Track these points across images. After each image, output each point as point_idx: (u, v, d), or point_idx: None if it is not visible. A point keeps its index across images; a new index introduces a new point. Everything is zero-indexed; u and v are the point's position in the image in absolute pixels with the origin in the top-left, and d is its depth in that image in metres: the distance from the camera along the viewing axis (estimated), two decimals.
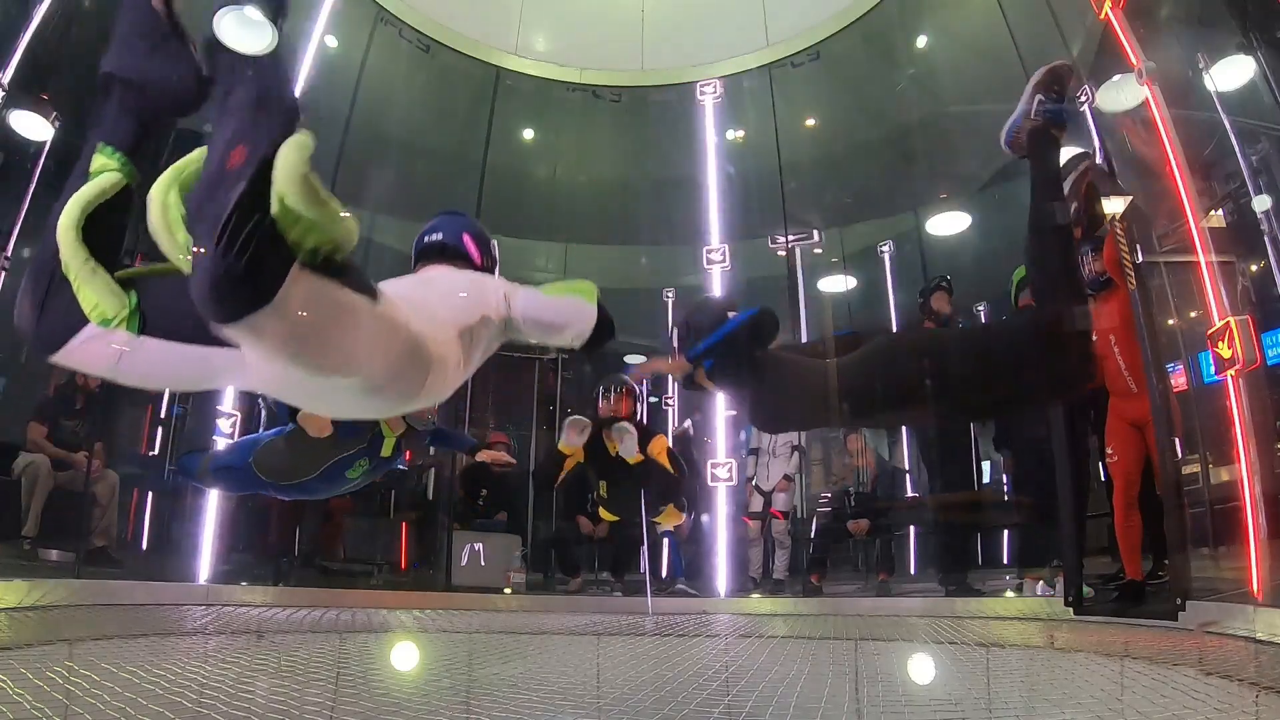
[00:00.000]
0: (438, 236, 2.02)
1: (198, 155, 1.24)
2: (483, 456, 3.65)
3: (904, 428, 6.19)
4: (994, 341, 2.11)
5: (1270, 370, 3.22)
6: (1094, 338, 2.02)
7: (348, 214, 1.12)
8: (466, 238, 2.02)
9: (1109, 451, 3.52)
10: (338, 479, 3.14)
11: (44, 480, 4.38)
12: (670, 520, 4.05)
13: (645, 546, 5.46)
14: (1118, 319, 3.44)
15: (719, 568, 5.14)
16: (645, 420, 4.40)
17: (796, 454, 5.62)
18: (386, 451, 3.20)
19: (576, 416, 3.90)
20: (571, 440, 3.80)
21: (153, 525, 5.16)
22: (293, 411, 2.88)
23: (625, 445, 3.73)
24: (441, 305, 1.67)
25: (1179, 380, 3.77)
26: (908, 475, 6.18)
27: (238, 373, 1.36)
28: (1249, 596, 2.77)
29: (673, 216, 6.53)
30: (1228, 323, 2.89)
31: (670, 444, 4.01)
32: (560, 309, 1.81)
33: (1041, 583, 4.08)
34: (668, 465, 3.84)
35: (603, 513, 4.10)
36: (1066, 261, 1.98)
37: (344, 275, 1.20)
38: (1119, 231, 3.28)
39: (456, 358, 1.61)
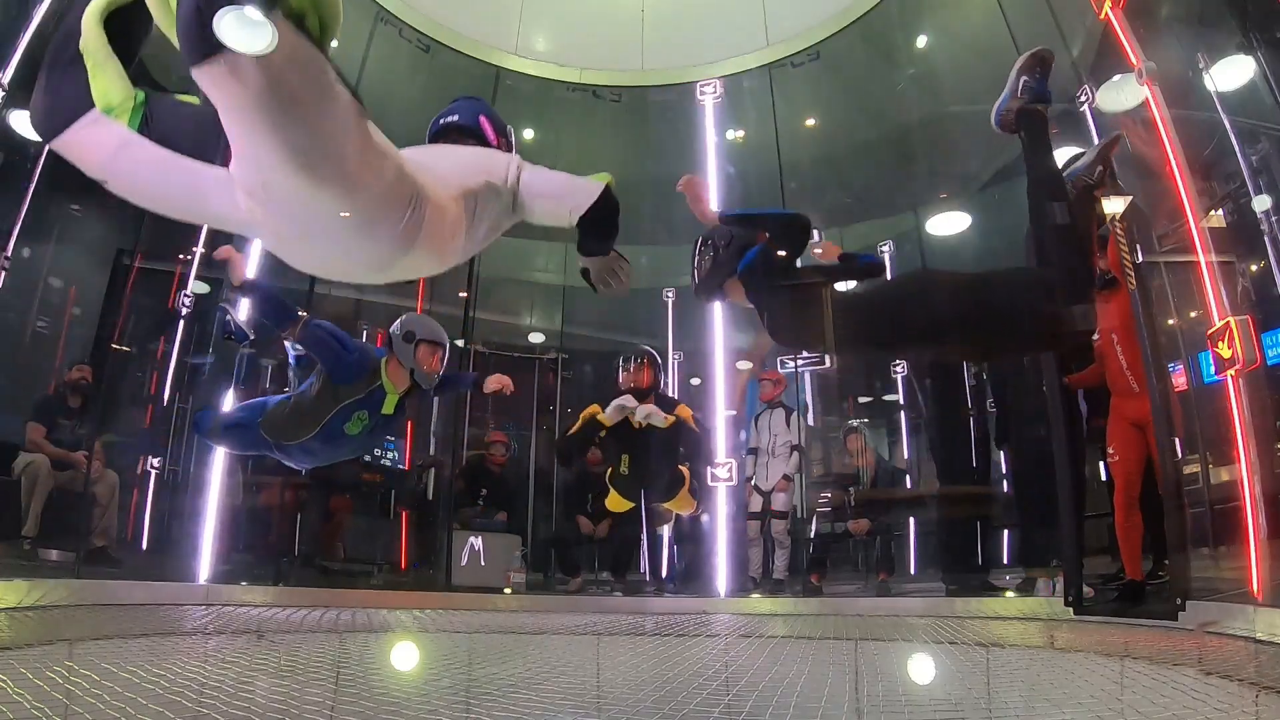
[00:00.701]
0: (454, 118, 2.02)
1: None
2: (489, 385, 3.62)
3: (906, 417, 6.19)
4: (1006, 286, 2.24)
5: (1270, 370, 3.22)
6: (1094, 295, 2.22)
7: None
8: (483, 119, 2.03)
9: (1110, 451, 3.52)
10: (338, 436, 3.13)
11: (44, 480, 4.38)
12: (682, 507, 3.98)
13: (645, 546, 5.46)
14: (1120, 318, 3.45)
15: (719, 568, 5.14)
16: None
17: (796, 453, 5.62)
18: (389, 409, 3.19)
19: (627, 398, 3.75)
20: (614, 416, 3.67)
21: (153, 525, 5.16)
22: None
23: (653, 418, 3.62)
24: (444, 165, 1.67)
25: (1179, 380, 3.77)
26: (907, 475, 6.18)
27: (225, 200, 1.37)
28: (1249, 596, 2.76)
29: (673, 216, 6.52)
30: (1228, 323, 2.89)
31: (693, 413, 3.93)
32: (564, 182, 1.83)
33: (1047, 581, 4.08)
34: (695, 428, 3.77)
35: (613, 501, 3.96)
36: (1065, 225, 2.11)
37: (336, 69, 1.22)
38: (1119, 231, 3.28)
39: (456, 216, 1.60)
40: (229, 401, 4.50)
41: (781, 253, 2.25)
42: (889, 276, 2.43)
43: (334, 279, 1.82)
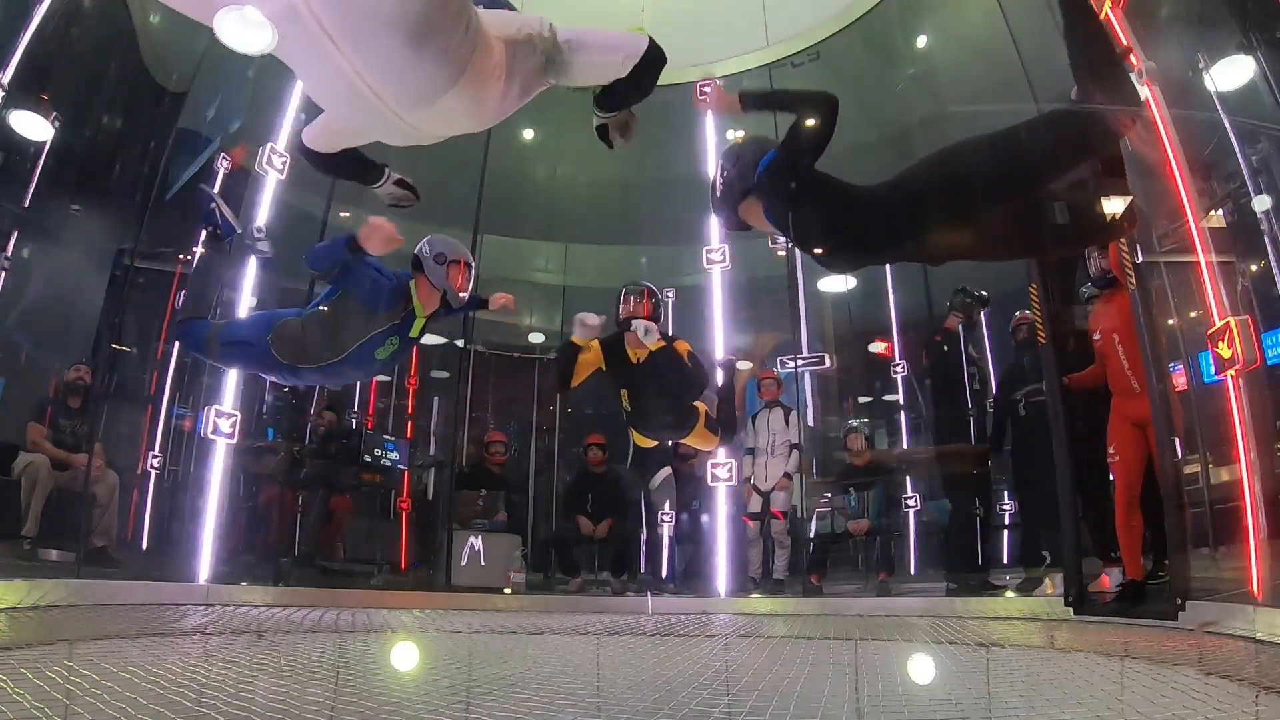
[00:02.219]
0: None
1: None
2: (494, 304, 3.55)
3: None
4: (1043, 121, 2.20)
5: (1270, 370, 3.22)
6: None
7: None
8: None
9: (1111, 451, 3.52)
10: (366, 360, 3.04)
11: (44, 480, 4.39)
12: (700, 442, 3.91)
13: (644, 545, 5.46)
14: (1121, 318, 3.45)
15: (719, 568, 5.15)
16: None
17: (795, 452, 5.62)
18: (414, 332, 3.14)
19: (587, 315, 3.66)
20: (579, 333, 3.57)
21: (153, 525, 5.16)
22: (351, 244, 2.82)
23: (647, 336, 3.52)
24: (482, 14, 1.64)
25: (1179, 380, 3.77)
26: (907, 475, 6.17)
27: None
28: (1249, 596, 2.76)
29: (673, 216, 6.53)
30: (1228, 323, 2.89)
31: (691, 350, 3.80)
32: (613, 35, 1.82)
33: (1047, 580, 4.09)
34: (687, 364, 3.66)
35: (638, 439, 3.90)
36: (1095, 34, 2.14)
37: None
38: None
39: (499, 59, 1.59)
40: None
41: (811, 126, 2.09)
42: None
43: (361, 120, 1.65)
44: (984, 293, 5.22)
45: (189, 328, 3.18)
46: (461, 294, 3.18)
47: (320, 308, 3.03)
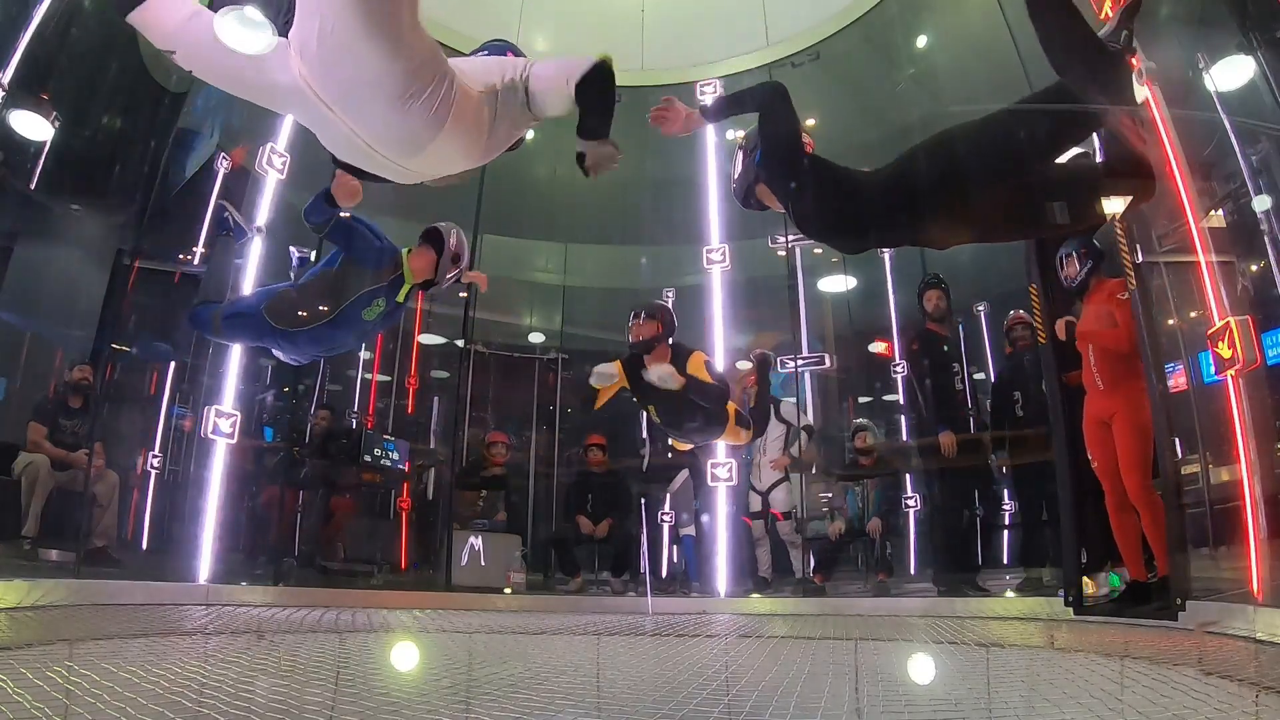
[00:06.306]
0: (483, 54, 2.19)
1: None
2: (469, 278, 3.64)
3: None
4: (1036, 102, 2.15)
5: (1270, 370, 3.22)
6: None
7: None
8: (509, 53, 2.17)
9: (1090, 456, 3.53)
10: (353, 320, 3.18)
11: (44, 480, 4.39)
12: (733, 439, 3.96)
13: (645, 545, 5.46)
14: (1093, 321, 3.49)
15: (719, 568, 5.15)
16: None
17: (804, 434, 5.64)
18: (400, 297, 3.29)
19: (603, 366, 3.74)
20: (596, 381, 3.67)
21: (153, 525, 5.16)
22: (327, 196, 2.92)
23: (663, 380, 3.57)
24: (467, 65, 1.88)
25: (1177, 380, 3.77)
26: (908, 476, 6.17)
27: (279, 66, 1.58)
28: (1249, 596, 2.76)
29: (673, 216, 6.53)
30: (1228, 323, 2.89)
31: (707, 359, 3.82)
32: (564, 60, 1.94)
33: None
34: (708, 379, 3.67)
35: (676, 445, 4.01)
36: (1076, 28, 2.06)
37: None
38: (1119, 231, 3.28)
39: (478, 106, 1.80)
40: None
41: (774, 121, 2.26)
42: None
43: (365, 166, 2.00)
44: (934, 275, 5.25)
45: (201, 310, 3.39)
46: (448, 282, 3.39)
47: (315, 275, 3.21)
